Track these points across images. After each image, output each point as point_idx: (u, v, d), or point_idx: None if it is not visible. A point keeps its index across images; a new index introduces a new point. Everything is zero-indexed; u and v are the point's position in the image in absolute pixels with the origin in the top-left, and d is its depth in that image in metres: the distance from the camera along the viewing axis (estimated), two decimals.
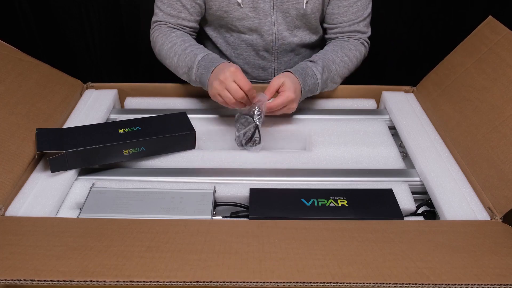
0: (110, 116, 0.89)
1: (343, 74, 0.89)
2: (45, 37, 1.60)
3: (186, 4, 0.88)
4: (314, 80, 0.83)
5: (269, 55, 0.96)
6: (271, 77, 1.00)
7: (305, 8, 0.88)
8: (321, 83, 0.84)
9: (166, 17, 0.89)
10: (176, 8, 0.88)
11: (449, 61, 0.87)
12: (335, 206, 0.63)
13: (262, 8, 0.88)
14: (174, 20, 0.89)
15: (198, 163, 0.75)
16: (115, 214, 0.61)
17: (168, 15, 0.89)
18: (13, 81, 0.77)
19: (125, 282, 0.45)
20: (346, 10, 0.89)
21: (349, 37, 0.92)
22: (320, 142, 0.80)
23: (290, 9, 0.88)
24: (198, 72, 0.80)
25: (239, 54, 0.97)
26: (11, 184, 0.64)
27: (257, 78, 1.01)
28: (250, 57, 0.97)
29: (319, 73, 0.83)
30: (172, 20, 0.89)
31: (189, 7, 0.88)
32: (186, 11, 0.88)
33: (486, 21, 0.81)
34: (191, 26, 0.91)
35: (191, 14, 0.89)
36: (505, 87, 0.70)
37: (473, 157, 0.69)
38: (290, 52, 0.97)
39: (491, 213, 0.62)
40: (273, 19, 0.90)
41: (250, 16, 0.89)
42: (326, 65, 0.85)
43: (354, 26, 0.91)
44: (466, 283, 0.46)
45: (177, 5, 0.88)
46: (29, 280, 0.45)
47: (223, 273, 0.47)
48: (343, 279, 0.46)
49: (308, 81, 0.82)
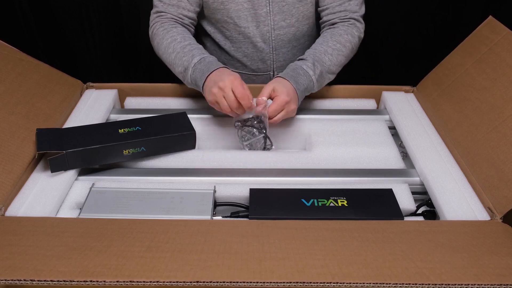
0: (110, 116, 0.89)
1: (339, 62, 0.88)
2: (45, 37, 1.60)
3: None
4: (307, 77, 0.82)
5: (267, 46, 0.96)
6: (270, 69, 1.00)
7: None
8: (316, 78, 0.83)
9: (167, 7, 0.89)
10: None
11: (449, 61, 0.87)
12: (335, 206, 0.63)
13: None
14: (174, 10, 0.89)
15: (198, 163, 0.75)
16: (115, 214, 0.61)
17: (168, 4, 0.89)
18: (13, 81, 0.77)
19: (125, 282, 0.45)
20: None
21: (340, 19, 0.90)
22: (320, 142, 0.80)
23: None
24: (194, 75, 0.80)
25: (238, 48, 0.97)
26: (11, 184, 0.64)
27: (257, 71, 1.01)
28: (248, 49, 0.97)
29: (310, 69, 0.82)
30: (172, 10, 0.89)
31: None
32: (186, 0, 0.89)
33: (486, 21, 0.81)
34: (190, 17, 0.91)
35: (191, 3, 0.90)
36: (505, 87, 0.70)
37: (473, 157, 0.69)
38: (288, 43, 0.97)
39: (491, 213, 0.62)
40: (269, 9, 0.90)
41: (246, 7, 0.90)
42: (318, 59, 0.84)
43: (344, 6, 0.90)
44: (466, 283, 0.46)
45: None
46: (29, 280, 0.45)
47: (223, 273, 0.47)
48: (343, 279, 0.46)
49: (301, 80, 0.81)
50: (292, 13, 0.92)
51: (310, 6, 0.93)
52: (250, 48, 0.97)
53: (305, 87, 0.82)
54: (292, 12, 0.92)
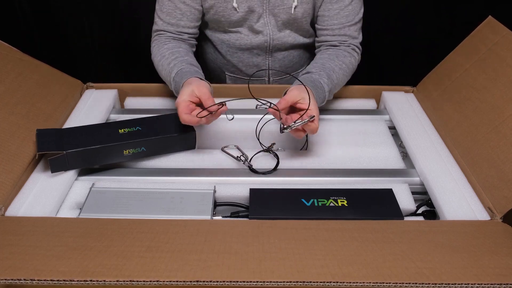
0: (110, 116, 0.89)
1: (342, 82, 0.87)
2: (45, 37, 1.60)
3: (185, 12, 0.88)
4: (322, 92, 0.79)
5: (264, 53, 0.97)
6: (265, 75, 1.01)
7: (294, 13, 0.88)
8: (327, 95, 0.81)
9: (166, 26, 0.89)
10: (175, 16, 0.88)
11: (449, 61, 0.87)
12: (335, 206, 0.63)
13: (257, 12, 0.89)
14: (173, 28, 0.89)
15: (198, 163, 0.75)
16: (115, 214, 0.61)
17: (168, 23, 0.89)
18: (13, 81, 0.77)
19: (125, 282, 0.45)
20: (336, 13, 0.88)
21: (340, 42, 0.89)
22: (320, 142, 0.80)
23: (280, 13, 0.89)
24: (175, 89, 0.81)
25: (234, 52, 0.98)
26: (11, 184, 0.64)
27: (253, 76, 1.01)
28: (244, 55, 0.98)
29: (325, 84, 0.80)
30: (171, 29, 0.89)
31: (188, 13, 0.88)
32: (185, 18, 0.89)
33: (486, 21, 0.81)
34: (191, 33, 0.91)
35: (190, 21, 0.90)
36: (505, 87, 0.70)
37: (473, 157, 0.69)
38: (285, 50, 0.98)
39: (491, 213, 0.62)
40: (266, 21, 0.91)
41: (246, 18, 0.90)
42: (329, 75, 0.82)
43: (344, 30, 0.89)
44: (466, 283, 0.46)
45: (176, 13, 0.88)
46: (29, 280, 0.45)
47: (223, 273, 0.47)
48: (343, 279, 0.46)
49: (319, 94, 0.78)
50: (287, 27, 0.93)
51: (305, 25, 0.93)
52: (247, 54, 0.98)
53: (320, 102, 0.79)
54: (287, 26, 0.93)
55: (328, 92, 0.81)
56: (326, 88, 0.80)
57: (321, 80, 0.80)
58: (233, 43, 0.96)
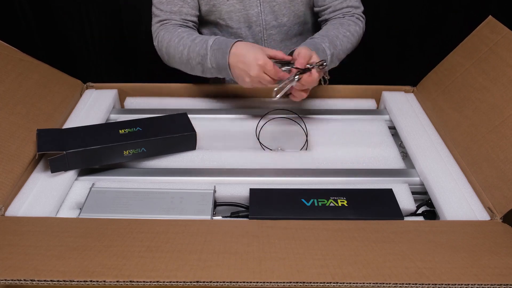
0: (110, 116, 0.89)
1: (347, 49, 0.89)
2: (45, 37, 1.60)
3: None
4: (324, 56, 0.82)
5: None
6: None
7: None
8: (329, 59, 0.83)
9: (169, 14, 0.89)
10: (177, 3, 0.89)
11: (449, 61, 0.87)
12: (335, 206, 0.63)
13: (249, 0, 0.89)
14: (177, 16, 0.89)
15: (198, 163, 0.75)
16: (115, 214, 0.61)
17: (170, 12, 0.89)
18: (13, 81, 0.77)
19: (125, 282, 0.45)
20: None
21: (344, 14, 0.92)
22: (320, 142, 0.80)
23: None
24: (214, 57, 0.80)
25: None
26: (11, 184, 0.64)
27: None
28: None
29: (327, 48, 0.82)
30: (175, 17, 0.89)
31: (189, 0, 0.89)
32: (186, 5, 0.89)
33: (486, 21, 0.81)
34: (193, 20, 0.92)
35: (192, 8, 0.90)
36: (505, 87, 0.70)
37: (473, 157, 0.69)
38: (280, 42, 0.98)
39: (491, 213, 0.62)
40: (260, 9, 0.91)
41: (238, 8, 0.90)
42: (332, 41, 0.84)
43: (346, 2, 0.92)
44: (466, 283, 0.46)
45: (177, 0, 0.88)
46: (29, 280, 0.45)
47: (223, 273, 0.47)
48: (343, 279, 0.46)
49: (321, 57, 0.80)
50: (283, 13, 0.93)
51: (301, 6, 0.94)
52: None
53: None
54: (283, 11, 0.93)
55: (330, 55, 0.82)
56: (328, 52, 0.82)
57: (323, 44, 0.82)
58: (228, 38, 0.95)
